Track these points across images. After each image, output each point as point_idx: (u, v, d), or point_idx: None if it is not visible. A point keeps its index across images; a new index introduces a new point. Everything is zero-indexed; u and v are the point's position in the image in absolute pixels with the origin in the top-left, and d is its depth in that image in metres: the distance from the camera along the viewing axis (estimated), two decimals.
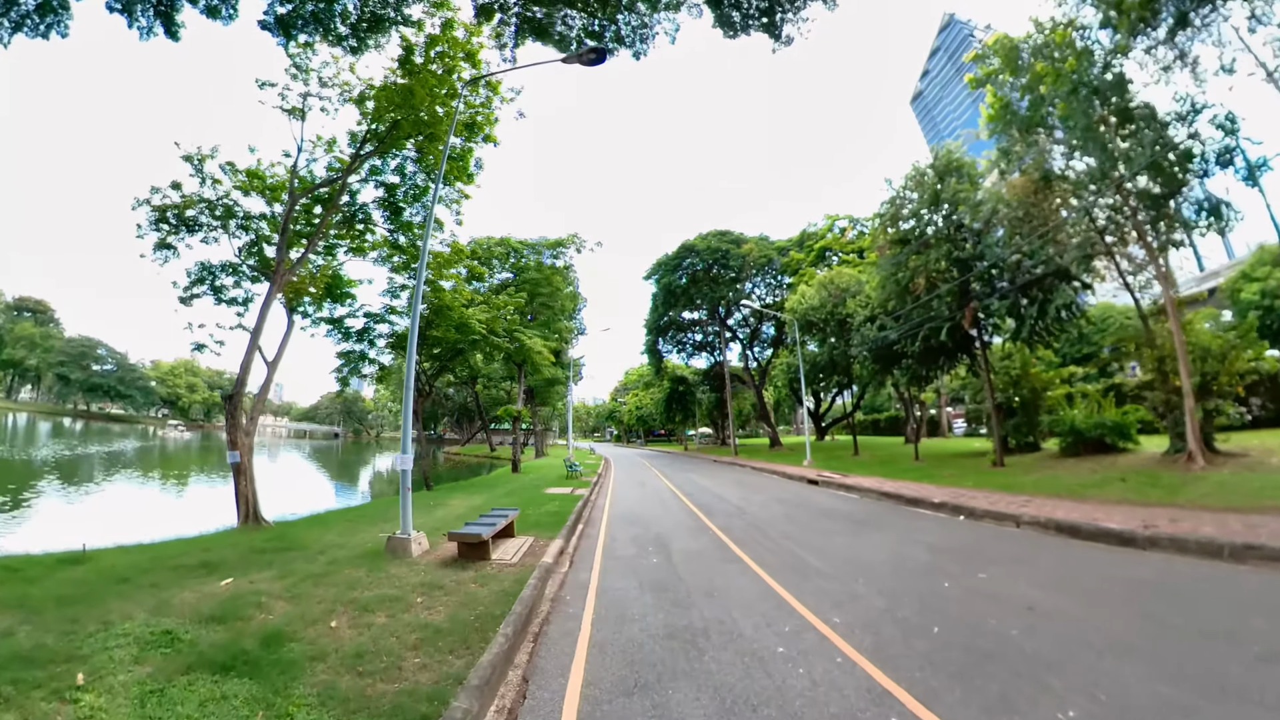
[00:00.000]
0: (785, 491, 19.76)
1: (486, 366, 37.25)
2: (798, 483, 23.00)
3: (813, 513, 14.77)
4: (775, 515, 14.38)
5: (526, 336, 21.67)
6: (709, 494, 19.15)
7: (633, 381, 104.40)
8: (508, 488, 20.40)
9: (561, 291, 28.53)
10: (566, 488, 19.94)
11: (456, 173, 18.29)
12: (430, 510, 14.92)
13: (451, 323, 20.89)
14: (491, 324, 20.94)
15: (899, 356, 28.02)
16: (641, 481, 24.10)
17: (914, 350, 26.35)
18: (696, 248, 44.29)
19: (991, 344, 26.67)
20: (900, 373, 28.48)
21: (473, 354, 21.75)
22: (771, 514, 14.61)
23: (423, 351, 22.66)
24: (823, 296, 31.82)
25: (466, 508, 15.16)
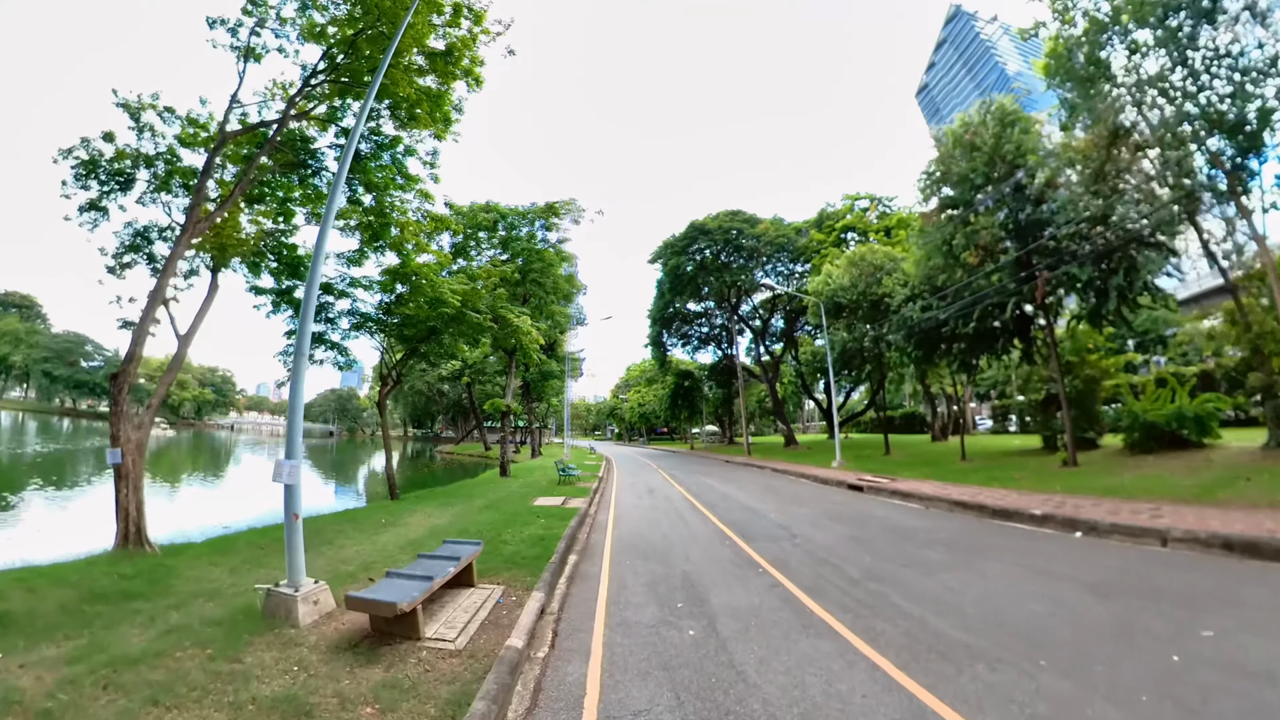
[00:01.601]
0: (829, 501, 16.10)
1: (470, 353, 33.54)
2: (837, 488, 19.36)
3: (885, 533, 11.16)
4: (838, 538, 10.75)
5: (513, 315, 17.98)
6: (736, 505, 15.48)
7: (634, 377, 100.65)
8: (489, 497, 16.77)
9: (554, 268, 24.89)
10: (559, 497, 16.29)
11: (428, 109, 14.66)
12: (375, 533, 11.26)
13: (425, 296, 17.26)
14: (470, 298, 17.28)
15: (947, 341, 24.40)
16: (649, 487, 20.43)
17: (966, 333, 22.70)
18: (707, 228, 40.48)
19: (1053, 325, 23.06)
20: (948, 359, 24.83)
21: (449, 334, 18.04)
22: (831, 536, 10.97)
23: (390, 332, 19.03)
24: (853, 275, 28.13)
25: (425, 529, 11.52)
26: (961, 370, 24.94)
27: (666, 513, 14.39)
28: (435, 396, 79.30)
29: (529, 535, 10.47)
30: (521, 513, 13.38)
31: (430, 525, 11.96)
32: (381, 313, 19.04)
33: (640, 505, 15.80)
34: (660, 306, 48.64)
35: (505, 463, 23.29)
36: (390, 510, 14.40)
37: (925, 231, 25.12)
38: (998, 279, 21.92)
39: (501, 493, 17.62)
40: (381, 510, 14.52)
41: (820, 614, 6.33)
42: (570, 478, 19.99)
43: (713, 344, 57.31)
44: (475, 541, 7.50)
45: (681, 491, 18.94)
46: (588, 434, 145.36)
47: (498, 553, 9.03)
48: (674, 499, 17.03)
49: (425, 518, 13.13)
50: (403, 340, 19.05)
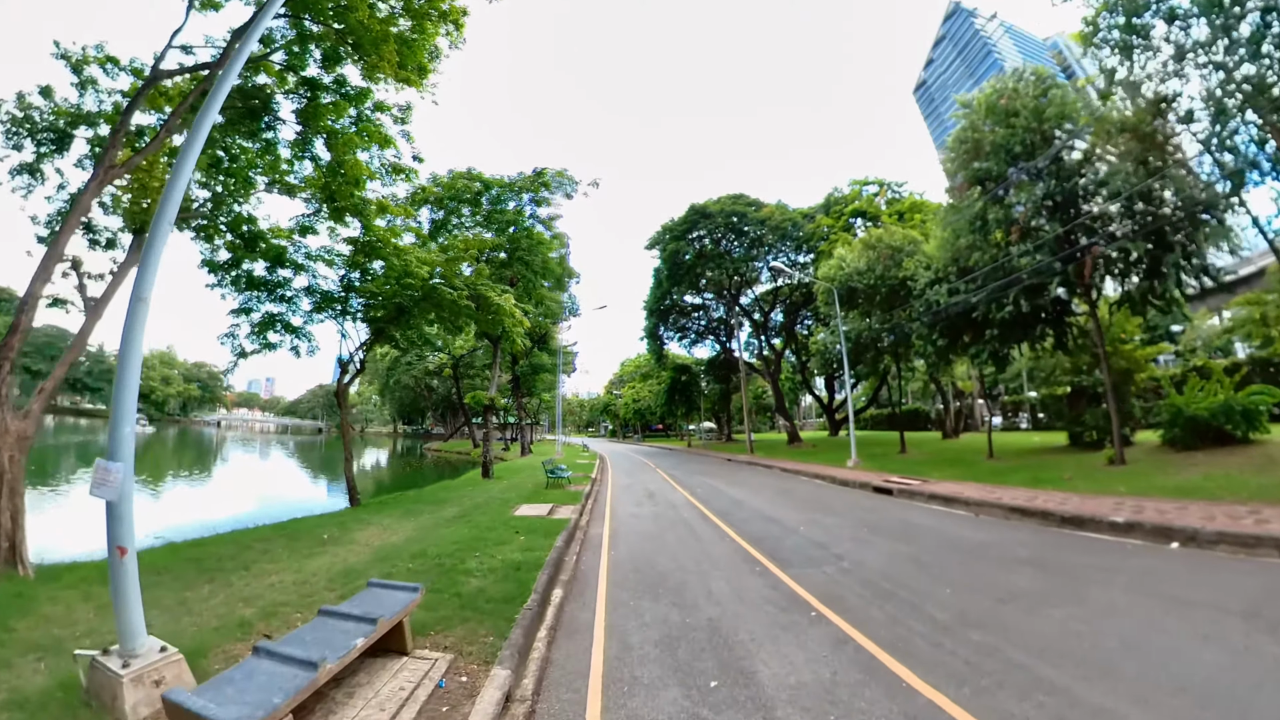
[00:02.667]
0: (860, 508, 13.86)
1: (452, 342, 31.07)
2: (861, 491, 17.16)
3: (946, 551, 9.07)
4: (892, 559, 8.60)
5: (494, 293, 15.61)
6: (753, 513, 13.20)
7: (629, 373, 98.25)
8: (463, 504, 14.43)
9: (544, 247, 22.50)
10: (545, 505, 13.96)
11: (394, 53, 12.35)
12: (310, 554, 8.95)
13: (394, 270, 14.94)
14: (444, 271, 14.94)
15: (977, 327, 22.23)
16: (648, 491, 18.12)
17: (1001, 318, 20.52)
18: (708, 211, 38.01)
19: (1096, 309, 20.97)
20: (979, 348, 22.64)
21: (419, 315, 15.70)
22: (883, 556, 8.81)
23: (353, 312, 16.67)
24: (869, 258, 25.88)
25: (372, 551, 9.21)
26: (991, 361, 22.73)
27: (672, 524, 12.08)
28: (424, 392, 76.67)
29: (501, 562, 8.13)
30: (497, 526, 11.03)
31: (380, 544, 9.62)
32: (344, 290, 16.69)
33: (640, 514, 13.47)
34: (657, 297, 46.26)
35: (488, 462, 20.89)
36: (342, 521, 12.02)
37: (954, 208, 23.00)
38: (1032, 259, 19.81)
39: (479, 498, 15.27)
40: (332, 521, 12.14)
41: (928, 693, 4.16)
42: (560, 480, 17.66)
43: (711, 337, 55.01)
44: (412, 587, 5.16)
45: (685, 496, 16.65)
46: (581, 431, 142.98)
47: (454, 590, 6.71)
48: (678, 505, 14.73)
49: (379, 532, 10.79)
50: (367, 321, 16.66)
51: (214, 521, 15.47)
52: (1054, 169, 19.64)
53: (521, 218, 22.79)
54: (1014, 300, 20.38)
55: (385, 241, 14.02)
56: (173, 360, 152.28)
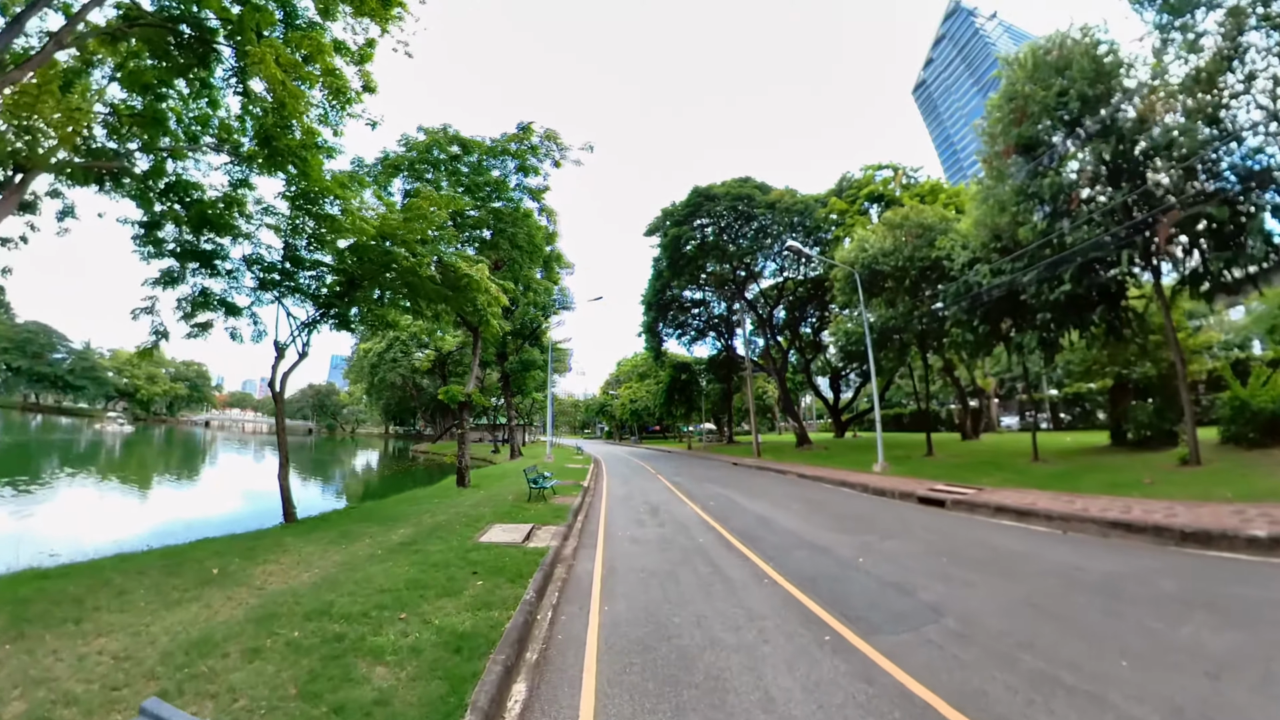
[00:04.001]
0: (918, 526, 11.08)
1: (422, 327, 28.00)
2: (905, 503, 14.42)
3: (1069, 590, 6.94)
4: (1010, 610, 6.18)
5: (465, 262, 12.74)
6: (789, 537, 10.36)
7: (626, 372, 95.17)
8: (421, 524, 11.56)
9: (531, 221, 19.64)
10: (523, 525, 11.10)
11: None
12: (180, 599, 6.25)
13: (339, 229, 12.13)
14: (403, 235, 12.10)
15: (1023, 311, 19.61)
16: (650, 504, 15.25)
17: (1055, 298, 17.89)
18: (714, 194, 35.04)
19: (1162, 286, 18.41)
20: (1028, 335, 19.98)
21: (373, 288, 12.88)
22: (993, 605, 6.30)
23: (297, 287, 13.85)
24: (896, 238, 23.14)
25: (255, 604, 6.40)
26: (1040, 350, 20.03)
27: (686, 554, 9.22)
28: (413, 391, 73.48)
29: (437, 632, 5.30)
30: (451, 562, 8.17)
31: (277, 590, 6.79)
32: (285, 259, 13.85)
33: (643, 539, 10.60)
34: (656, 289, 43.39)
35: (463, 468, 17.97)
36: (252, 547, 9.15)
37: (994, 179, 20.31)
38: (1090, 232, 17.19)
39: (443, 515, 12.38)
40: (241, 547, 9.26)
41: None
42: (544, 491, 14.76)
43: (711, 334, 52.17)
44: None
45: (696, 511, 13.79)
46: (577, 432, 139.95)
47: (333, 702, 3.86)
48: (689, 525, 11.87)
49: (289, 567, 7.94)
50: (310, 297, 13.82)
51: (123, 539, 12.56)
52: (1114, 129, 17.07)
53: (506, 189, 19.92)
54: (1071, 278, 17.84)
55: (330, 191, 11.17)
56: (160, 358, 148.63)
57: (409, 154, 18.87)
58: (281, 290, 14.07)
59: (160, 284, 13.39)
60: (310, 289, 14.29)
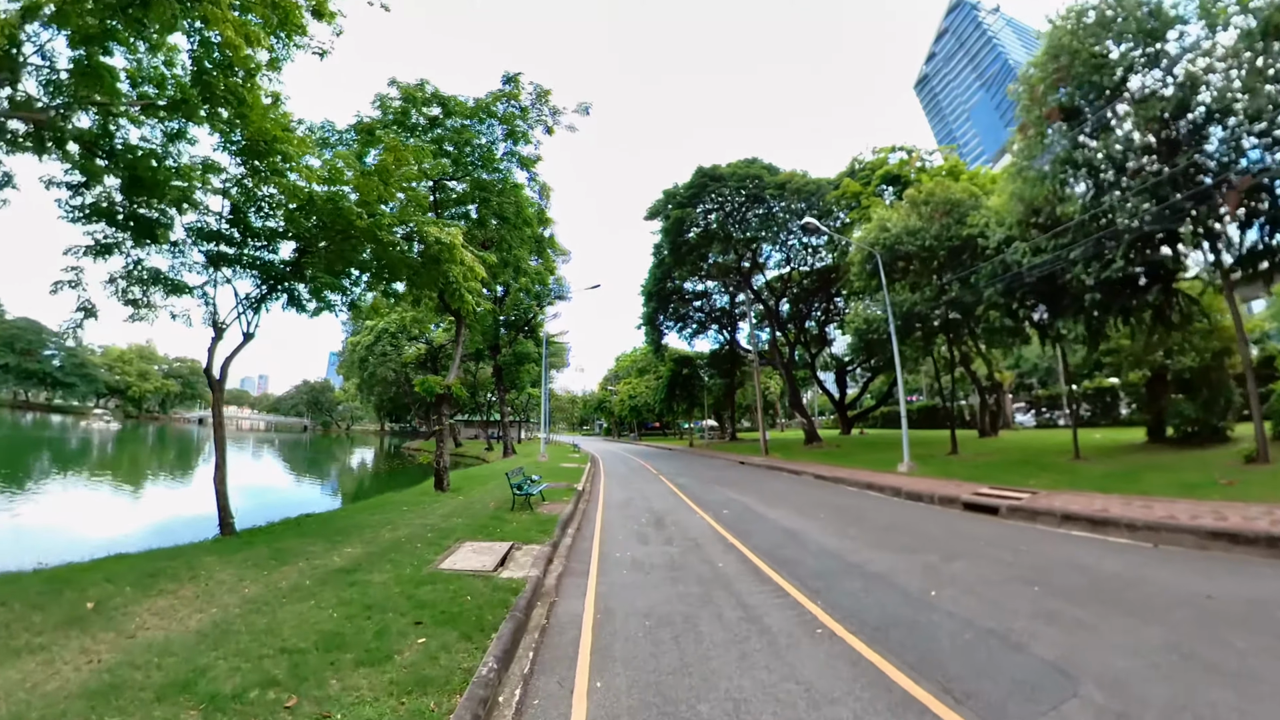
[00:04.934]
0: (982, 541, 9.11)
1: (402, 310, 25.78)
2: (949, 510, 12.44)
3: (1219, 627, 5.33)
4: (1171, 674, 4.37)
5: (437, 227, 10.64)
6: (831, 560, 8.33)
7: (625, 368, 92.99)
8: (376, 539, 9.52)
9: (519, 192, 17.53)
10: (500, 544, 9.04)
11: None
12: (17, 651, 3.93)
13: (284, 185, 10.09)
14: (361, 192, 10.05)
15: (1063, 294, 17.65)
16: (654, 513, 13.17)
17: (1106, 277, 15.93)
18: (720, 174, 32.73)
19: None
20: (1070, 320, 18.03)
21: (327, 255, 10.82)
22: (1143, 665, 4.50)
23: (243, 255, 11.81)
24: (922, 215, 21.12)
25: (109, 663, 4.18)
26: (1086, 337, 18.06)
27: (705, 588, 7.15)
28: (406, 386, 71.21)
29: None
30: (394, 600, 6.14)
31: (155, 639, 4.85)
32: (231, 224, 11.79)
33: (648, 564, 8.51)
34: (656, 278, 41.27)
35: (441, 470, 15.85)
36: (155, 573, 7.10)
37: (1031, 149, 18.35)
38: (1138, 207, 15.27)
39: (405, 529, 10.30)
40: (144, 569, 7.22)
41: None
42: (530, 498, 12.64)
43: (713, 327, 50.10)
44: None
45: (708, 521, 11.71)
46: (575, 429, 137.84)
47: None
48: (703, 541, 9.79)
49: (189, 599, 6.01)
50: (253, 268, 11.76)
51: (30, 551, 10.49)
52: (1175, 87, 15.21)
53: (494, 158, 17.82)
54: (1122, 255, 15.93)
55: (270, 133, 9.10)
56: (153, 355, 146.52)
57: (385, 118, 16.76)
58: (226, 262, 12.02)
59: (90, 254, 11.31)
60: (257, 261, 12.21)
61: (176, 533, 12.66)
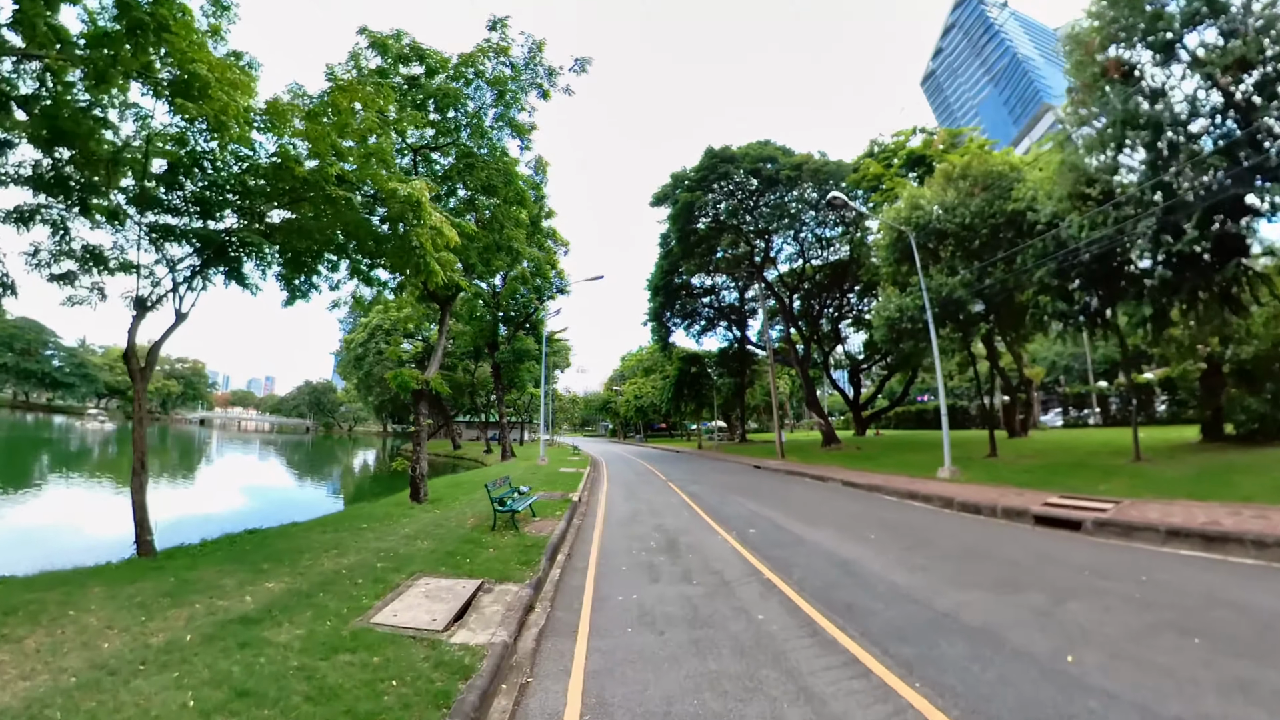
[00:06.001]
0: (1083, 566, 7.16)
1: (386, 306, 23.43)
2: (1019, 525, 10.42)
3: None
4: None
5: (398, 181, 8.53)
6: (906, 602, 6.21)
7: (630, 367, 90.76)
8: (320, 569, 7.46)
9: (508, 161, 15.42)
10: (461, 585, 6.90)
11: None
12: None
13: (217, 118, 8.07)
14: (312, 143, 7.99)
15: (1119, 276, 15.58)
16: (667, 532, 10.99)
17: (1179, 251, 13.88)
18: (732, 155, 30.39)
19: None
20: (1130, 304, 15.90)
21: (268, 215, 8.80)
22: None
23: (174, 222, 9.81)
24: (960, 189, 18.99)
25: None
26: (1150, 323, 15.89)
27: (747, 662, 4.98)
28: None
29: None
30: (287, 678, 4.05)
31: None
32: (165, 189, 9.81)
33: (660, 615, 6.32)
34: (664, 270, 39.09)
35: (418, 477, 13.61)
36: (17, 607, 5.02)
37: (1082, 114, 16.29)
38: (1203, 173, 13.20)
39: (352, 555, 8.16)
40: (8, 600, 5.14)
41: None
42: (515, 515, 10.41)
43: (722, 324, 47.89)
44: None
45: (733, 545, 9.54)
46: (579, 430, 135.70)
47: None
48: (731, 577, 7.60)
49: (22, 658, 3.80)
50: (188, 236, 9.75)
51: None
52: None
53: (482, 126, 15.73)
54: (1194, 224, 13.86)
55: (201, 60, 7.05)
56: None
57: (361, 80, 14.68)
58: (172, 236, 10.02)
59: (8, 222, 9.29)
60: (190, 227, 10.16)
61: (99, 550, 10.62)
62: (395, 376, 13.41)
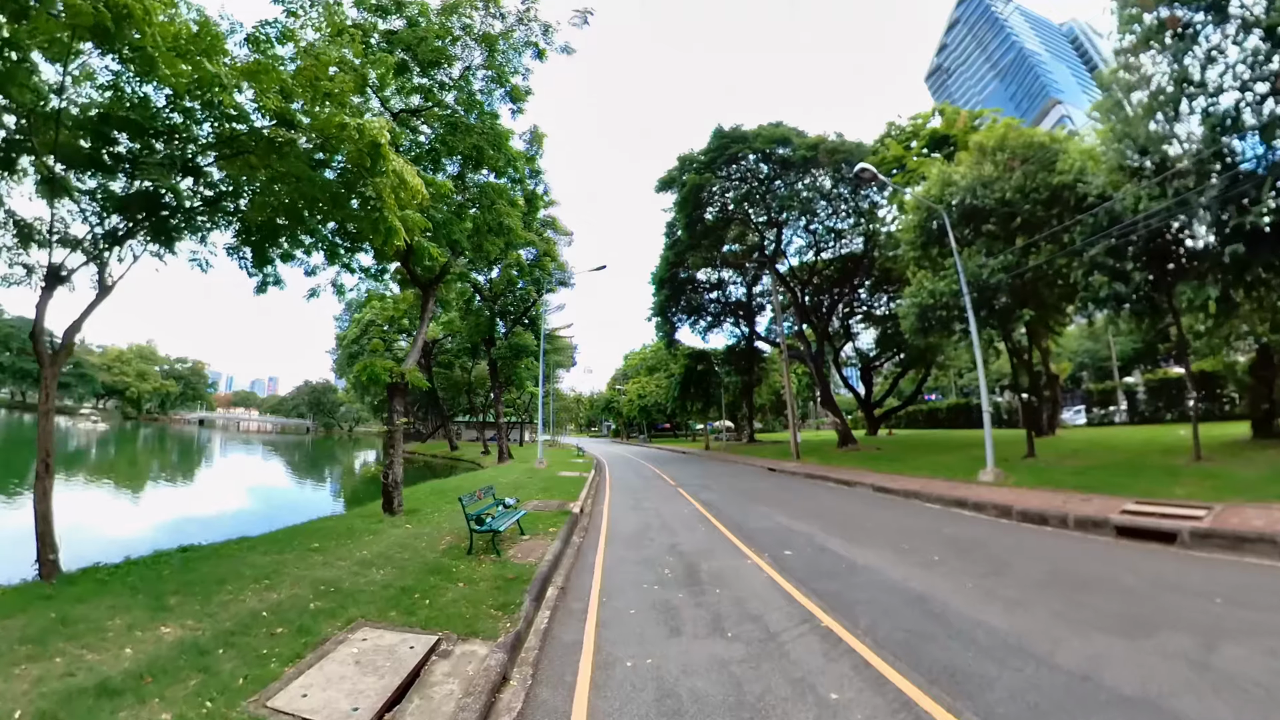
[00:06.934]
0: (1213, 596, 5.48)
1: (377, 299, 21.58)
2: (1098, 536, 8.80)
3: None
4: None
5: (347, 111, 6.73)
6: (1031, 663, 4.35)
7: (633, 366, 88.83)
8: (239, 608, 5.72)
9: (497, 127, 13.65)
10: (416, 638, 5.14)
11: None
12: None
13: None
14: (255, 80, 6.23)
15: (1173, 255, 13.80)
16: (684, 556, 9.11)
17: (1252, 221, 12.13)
18: (744, 135, 28.48)
19: None
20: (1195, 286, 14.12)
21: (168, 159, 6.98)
22: None
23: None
24: (998, 162, 17.23)
25: None
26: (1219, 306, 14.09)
27: None
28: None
29: None
30: None
31: None
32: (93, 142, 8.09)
33: (689, 698, 4.52)
34: (669, 263, 37.29)
35: (390, 485, 11.72)
36: None
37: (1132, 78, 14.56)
38: None
39: (284, 591, 6.35)
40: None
41: None
42: (496, 536, 8.42)
43: (729, 321, 46.03)
44: None
45: (772, 575, 7.70)
46: (583, 430, 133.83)
47: None
48: (779, 627, 5.71)
49: None
50: (105, 199, 8.05)
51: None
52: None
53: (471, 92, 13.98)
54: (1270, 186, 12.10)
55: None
56: (152, 355, 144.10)
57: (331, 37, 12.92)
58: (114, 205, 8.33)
59: None
60: (108, 187, 8.43)
61: (6, 568, 8.85)
62: (365, 368, 11.66)
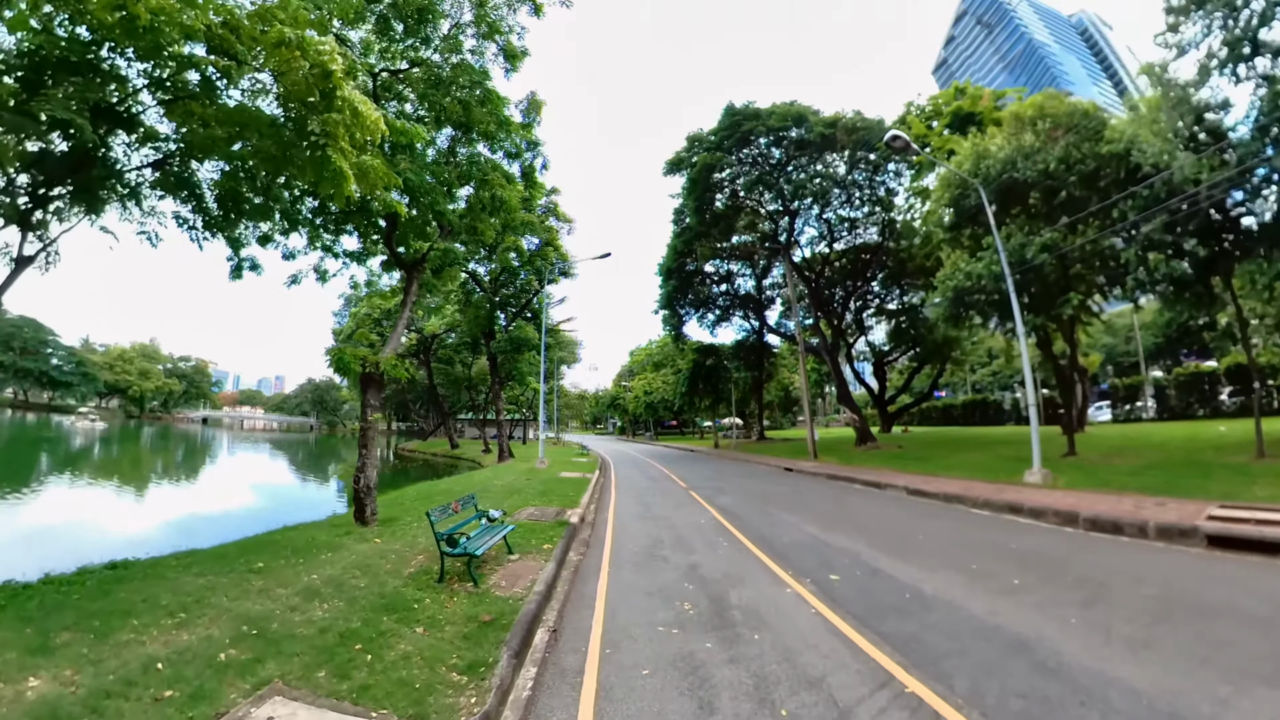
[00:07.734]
0: None
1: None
2: (1187, 548, 7.55)
3: None
4: None
5: (307, 39, 5.25)
6: None
7: (639, 362, 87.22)
8: (114, 670, 4.25)
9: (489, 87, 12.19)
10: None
11: None
12: None
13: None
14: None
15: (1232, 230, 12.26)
16: (707, 585, 7.51)
17: None
18: (757, 113, 26.67)
19: None
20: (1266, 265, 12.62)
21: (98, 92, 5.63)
22: None
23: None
24: (1038, 131, 15.73)
25: None
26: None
27: None
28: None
29: None
30: None
31: None
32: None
33: None
34: (676, 252, 35.68)
35: (361, 491, 10.10)
36: None
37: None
38: None
39: (196, 632, 4.80)
40: None
41: None
42: (472, 560, 6.84)
43: (738, 314, 44.43)
44: None
45: (820, 610, 6.17)
46: (588, 428, 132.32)
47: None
48: (855, 706, 4.27)
49: None
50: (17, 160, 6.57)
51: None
52: None
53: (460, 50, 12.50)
54: None
55: None
56: (155, 354, 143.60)
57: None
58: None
59: None
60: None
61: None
62: (337, 355, 10.22)
